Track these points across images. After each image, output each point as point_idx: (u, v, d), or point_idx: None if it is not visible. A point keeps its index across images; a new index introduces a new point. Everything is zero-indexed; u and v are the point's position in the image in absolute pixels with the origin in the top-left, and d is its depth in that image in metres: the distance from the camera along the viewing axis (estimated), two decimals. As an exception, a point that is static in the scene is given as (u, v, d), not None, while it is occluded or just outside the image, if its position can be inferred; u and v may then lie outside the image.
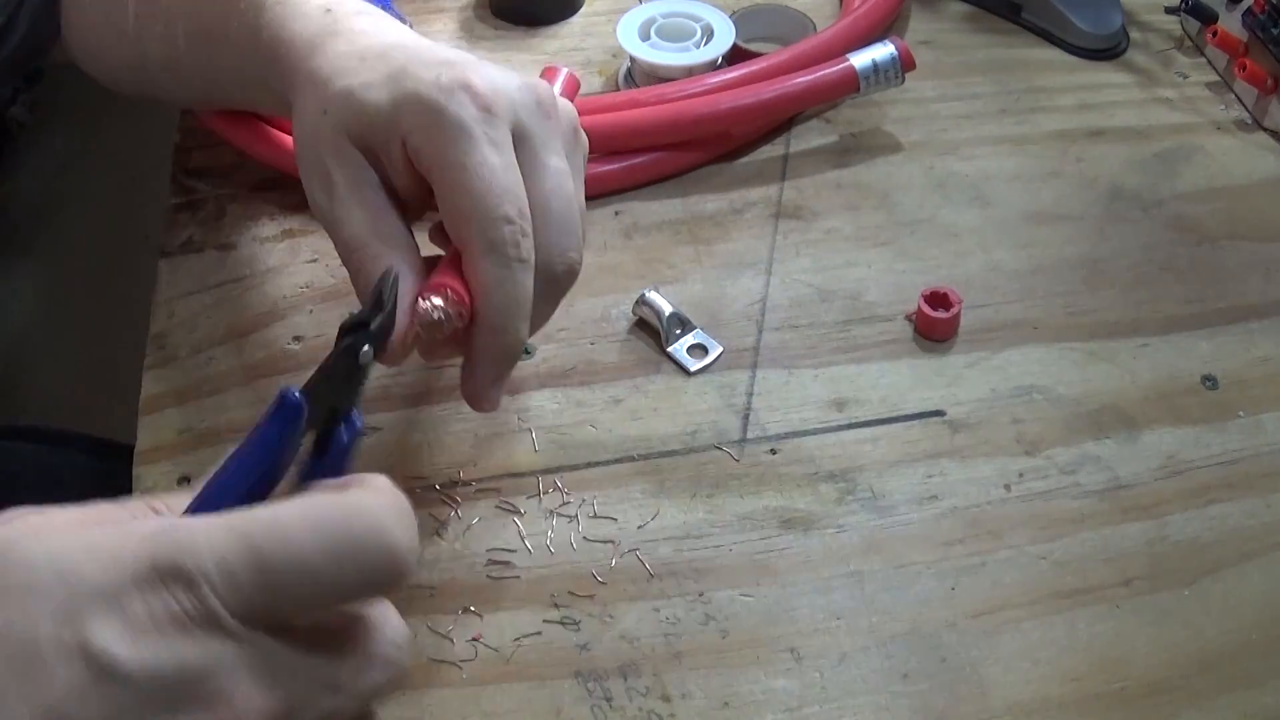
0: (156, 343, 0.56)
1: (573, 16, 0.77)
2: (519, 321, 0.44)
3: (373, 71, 0.45)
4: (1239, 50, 0.70)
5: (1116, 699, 0.44)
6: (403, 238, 0.45)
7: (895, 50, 0.65)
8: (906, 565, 0.48)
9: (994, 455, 0.52)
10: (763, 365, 0.56)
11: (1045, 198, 0.65)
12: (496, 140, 0.43)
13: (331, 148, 0.45)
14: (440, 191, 0.44)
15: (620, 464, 0.52)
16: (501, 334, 0.44)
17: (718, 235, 0.62)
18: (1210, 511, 0.50)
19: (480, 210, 0.42)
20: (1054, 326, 0.58)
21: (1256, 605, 0.47)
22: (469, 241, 0.43)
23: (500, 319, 0.43)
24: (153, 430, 0.53)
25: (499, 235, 0.42)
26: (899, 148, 0.68)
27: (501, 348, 0.44)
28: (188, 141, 0.67)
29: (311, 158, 0.46)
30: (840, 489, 0.51)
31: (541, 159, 0.45)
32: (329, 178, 0.45)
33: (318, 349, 0.56)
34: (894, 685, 0.45)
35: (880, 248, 0.62)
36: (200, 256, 0.60)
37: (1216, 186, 0.66)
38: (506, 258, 0.43)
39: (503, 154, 0.43)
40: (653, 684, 0.45)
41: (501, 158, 0.43)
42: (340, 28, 0.48)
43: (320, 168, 0.46)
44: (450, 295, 0.42)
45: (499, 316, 0.43)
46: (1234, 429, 0.54)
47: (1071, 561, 0.48)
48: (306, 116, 0.47)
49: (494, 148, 0.43)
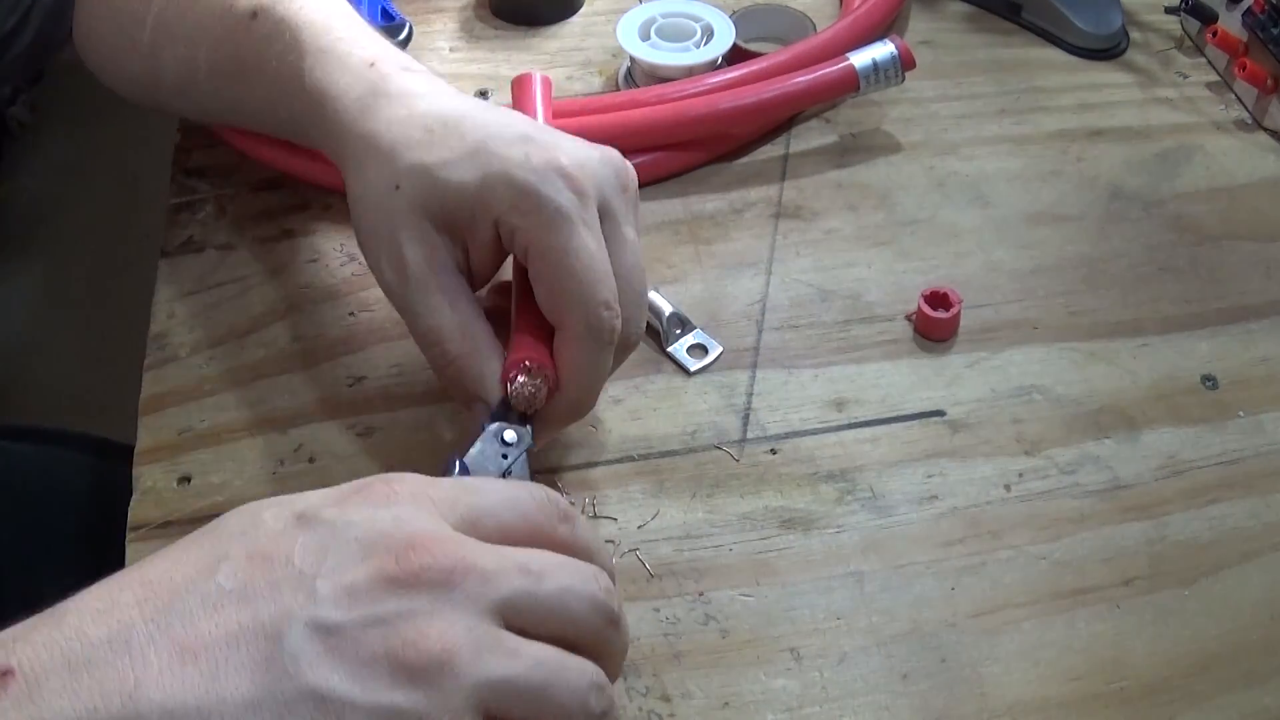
0: (156, 343, 0.56)
1: (573, 16, 0.77)
2: (597, 393, 0.47)
3: (447, 148, 0.45)
4: (1239, 50, 0.70)
5: (1116, 699, 0.44)
6: (482, 328, 0.46)
7: (895, 49, 0.65)
8: (906, 565, 0.48)
9: (994, 455, 0.52)
10: (763, 365, 0.56)
11: (1045, 198, 0.65)
12: (590, 223, 0.45)
13: (407, 226, 0.45)
14: (538, 272, 0.45)
15: (620, 464, 0.52)
16: (580, 405, 0.47)
17: (718, 235, 0.62)
18: (1210, 511, 0.50)
19: (581, 295, 0.44)
20: (1054, 326, 0.58)
21: (1256, 605, 0.47)
22: (568, 323, 0.45)
23: (583, 393, 0.46)
24: (153, 430, 0.53)
25: (598, 320, 0.44)
26: (899, 148, 0.68)
27: (576, 414, 0.47)
28: (188, 141, 0.67)
29: (381, 232, 0.46)
30: (840, 489, 0.51)
31: (622, 234, 0.47)
32: (402, 258, 0.46)
33: (318, 349, 0.56)
34: (894, 685, 0.45)
35: (880, 248, 0.62)
36: (200, 256, 0.60)
37: (1216, 186, 0.66)
38: (601, 341, 0.45)
39: (597, 238, 0.45)
40: (653, 684, 0.45)
41: (597, 242, 0.45)
42: (390, 88, 0.48)
43: (392, 245, 0.46)
44: (537, 368, 0.45)
45: (583, 392, 0.46)
46: (1234, 429, 0.54)
47: (1071, 561, 0.48)
48: (373, 189, 0.46)
49: (589, 231, 0.45)
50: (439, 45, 0.74)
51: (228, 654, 0.30)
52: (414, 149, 0.46)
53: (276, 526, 0.33)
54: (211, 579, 0.32)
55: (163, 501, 0.50)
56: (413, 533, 0.33)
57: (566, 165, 0.45)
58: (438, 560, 0.33)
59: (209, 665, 0.30)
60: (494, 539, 0.35)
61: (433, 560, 0.32)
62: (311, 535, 0.33)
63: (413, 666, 0.31)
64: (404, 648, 0.31)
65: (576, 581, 0.35)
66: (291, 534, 0.33)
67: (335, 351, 0.56)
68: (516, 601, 0.33)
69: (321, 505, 0.34)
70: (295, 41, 0.50)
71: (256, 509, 0.35)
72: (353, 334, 0.56)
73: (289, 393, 0.54)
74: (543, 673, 0.33)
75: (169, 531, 0.49)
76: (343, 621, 0.31)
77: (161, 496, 0.50)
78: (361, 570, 0.32)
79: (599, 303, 0.44)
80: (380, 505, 0.34)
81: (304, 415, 0.53)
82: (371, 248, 0.47)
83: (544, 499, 0.37)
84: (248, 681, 0.30)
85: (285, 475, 0.51)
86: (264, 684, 0.30)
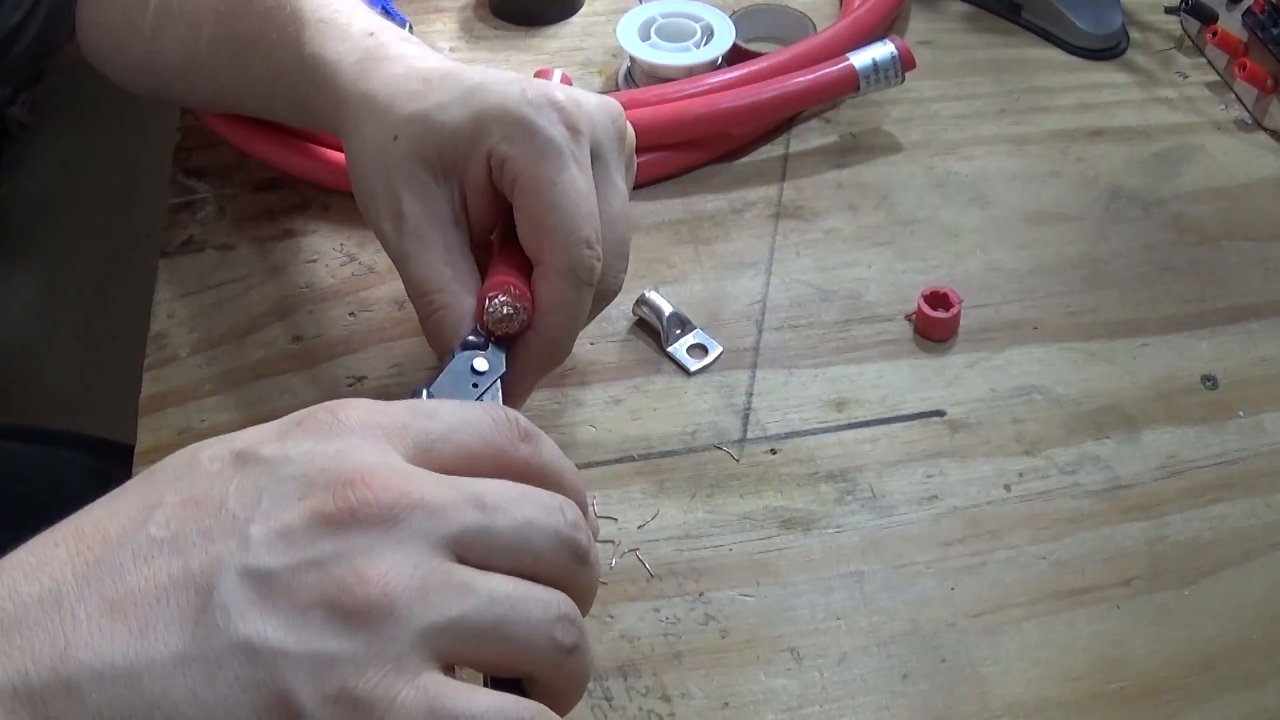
0: (156, 343, 0.56)
1: (573, 16, 0.77)
2: (574, 336, 0.46)
3: (443, 93, 0.45)
4: (1239, 50, 0.70)
5: (1116, 699, 0.44)
6: (472, 280, 0.46)
7: (895, 49, 0.65)
8: (906, 565, 0.48)
9: (994, 455, 0.52)
10: (763, 365, 0.56)
11: (1045, 198, 0.65)
12: (580, 160, 0.44)
13: (404, 176, 0.45)
14: (523, 204, 0.44)
15: (620, 464, 0.52)
16: (555, 347, 0.46)
17: (718, 235, 0.62)
18: (1210, 511, 0.50)
19: (564, 230, 0.43)
20: (1054, 326, 0.58)
21: (1256, 605, 0.47)
22: (547, 257, 0.44)
23: (559, 334, 0.45)
24: (153, 430, 0.53)
25: (578, 258, 0.44)
26: (899, 148, 0.68)
27: (552, 358, 0.46)
28: (188, 141, 0.67)
29: (379, 186, 0.46)
30: (840, 489, 0.51)
31: (613, 179, 0.46)
32: (398, 209, 0.45)
33: (318, 349, 0.56)
34: (894, 685, 0.45)
35: (880, 248, 0.62)
36: (200, 256, 0.60)
37: (1216, 186, 0.66)
38: (579, 280, 0.44)
39: (586, 175, 0.44)
40: (653, 684, 0.45)
41: (585, 179, 0.44)
42: (388, 52, 0.48)
43: (389, 198, 0.46)
44: (516, 292, 0.44)
45: (559, 332, 0.45)
46: (1234, 429, 0.54)
47: (1071, 561, 0.48)
48: (370, 143, 0.46)
49: (579, 167, 0.44)
50: (439, 45, 0.74)
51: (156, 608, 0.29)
52: (412, 100, 0.46)
53: (213, 469, 0.31)
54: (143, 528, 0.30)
55: (163, 501, 0.50)
56: (354, 466, 0.31)
57: (562, 100, 0.45)
58: (378, 496, 0.30)
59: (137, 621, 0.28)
60: (450, 467, 0.33)
61: (373, 496, 0.30)
62: (247, 476, 0.31)
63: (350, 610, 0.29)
64: (340, 592, 0.29)
65: (539, 514, 0.32)
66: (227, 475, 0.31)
67: (335, 351, 0.56)
68: (469, 538, 0.31)
69: (260, 441, 0.32)
70: (294, 14, 0.50)
71: (195, 450, 0.32)
72: (353, 334, 0.56)
73: (289, 393, 0.54)
74: (498, 609, 0.30)
75: (169, 531, 0.49)
76: (275, 567, 0.29)
77: (161, 496, 0.50)
78: (296, 511, 0.30)
79: (580, 239, 0.43)
80: (323, 438, 0.32)
81: (304, 415, 0.53)
82: (370, 202, 0.47)
83: (502, 418, 0.34)
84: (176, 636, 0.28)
85: (285, 475, 0.51)
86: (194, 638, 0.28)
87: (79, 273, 1.53)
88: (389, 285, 0.58)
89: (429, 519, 0.31)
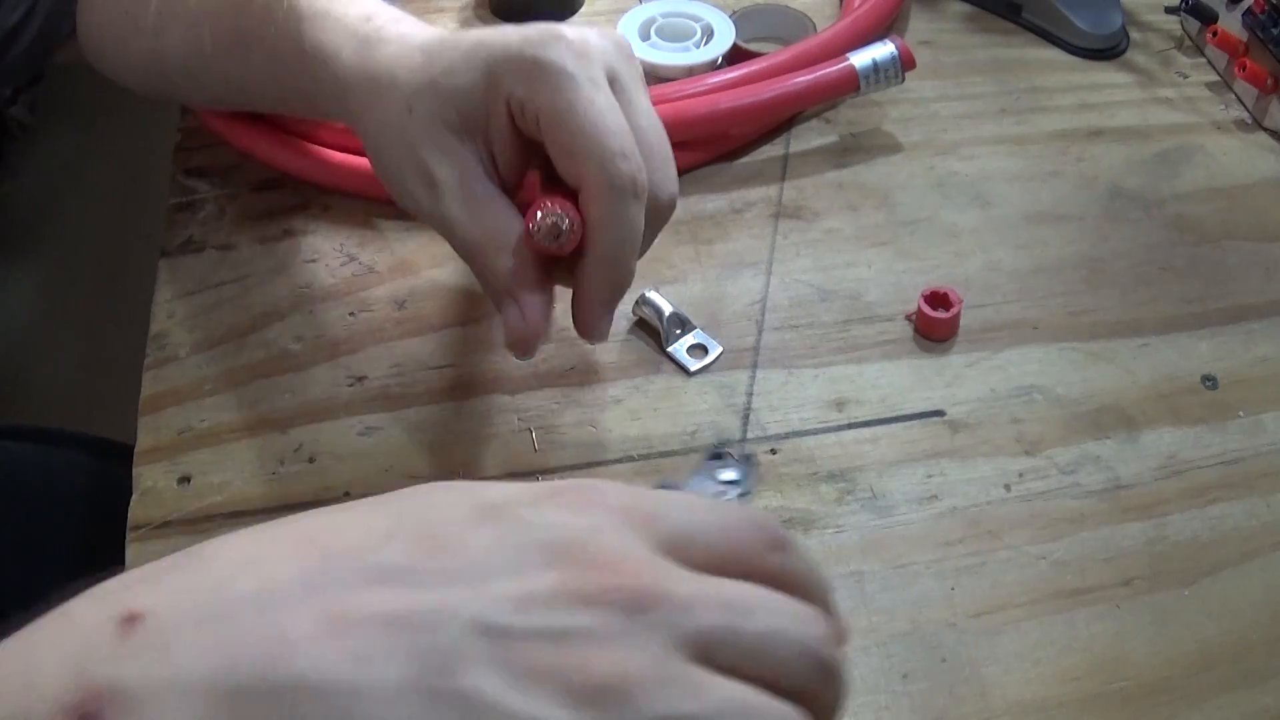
0: (156, 343, 0.56)
1: (572, 16, 0.77)
2: (632, 253, 0.45)
3: (445, 59, 0.46)
4: (1239, 50, 0.70)
5: (1116, 699, 0.44)
6: (516, 231, 0.45)
7: (895, 49, 0.65)
8: (906, 565, 0.48)
9: (994, 455, 0.52)
10: (763, 365, 0.56)
11: (1045, 198, 0.65)
12: (597, 81, 0.44)
13: (429, 143, 0.45)
14: (551, 136, 0.44)
15: (620, 464, 0.52)
16: (616, 266, 0.45)
17: (718, 235, 0.62)
18: (1210, 511, 0.50)
19: (596, 148, 0.43)
20: (1054, 326, 0.58)
21: (1256, 605, 0.47)
22: (586, 178, 0.44)
23: (616, 251, 0.45)
24: (153, 430, 0.53)
25: (615, 170, 0.43)
26: (899, 148, 0.68)
27: (615, 279, 0.46)
28: (188, 141, 0.67)
29: (404, 160, 0.46)
30: (840, 489, 0.51)
31: (632, 96, 0.46)
32: (430, 176, 0.46)
33: (318, 349, 0.56)
34: (894, 685, 0.45)
35: (880, 248, 0.62)
36: (200, 256, 0.61)
37: (1216, 186, 0.66)
38: (624, 192, 0.44)
39: (606, 94, 0.44)
40: (653, 684, 0.44)
41: (606, 97, 0.44)
42: (386, 34, 0.49)
43: (419, 166, 0.46)
44: (559, 205, 0.44)
45: (615, 249, 0.45)
46: (1234, 429, 0.54)
47: (1071, 561, 0.48)
48: (386, 122, 0.47)
49: (596, 88, 0.44)
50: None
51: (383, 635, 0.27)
52: (416, 73, 0.46)
53: (456, 513, 0.31)
54: (376, 552, 0.29)
55: (162, 501, 0.50)
56: (608, 547, 0.30)
57: (566, 33, 0.45)
58: (628, 582, 0.29)
59: (360, 643, 0.27)
60: (699, 565, 0.31)
61: (623, 581, 0.29)
62: (493, 529, 0.30)
63: (581, 689, 0.28)
64: (574, 669, 0.28)
65: (789, 624, 0.31)
66: (471, 523, 0.30)
67: (335, 351, 0.56)
68: (713, 638, 0.30)
69: (511, 500, 0.31)
70: (293, 7, 0.51)
71: (431, 489, 0.32)
72: (353, 334, 0.56)
73: (289, 393, 0.54)
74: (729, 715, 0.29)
75: (168, 531, 0.49)
76: (511, 626, 0.28)
77: (161, 496, 0.50)
78: (542, 577, 0.29)
79: (614, 153, 0.43)
80: (579, 511, 0.31)
81: (304, 415, 0.53)
82: (397, 178, 0.47)
83: (757, 523, 0.33)
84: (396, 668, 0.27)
85: (285, 475, 0.51)
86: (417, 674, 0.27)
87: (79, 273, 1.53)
88: (389, 285, 0.58)
89: (675, 613, 0.29)
